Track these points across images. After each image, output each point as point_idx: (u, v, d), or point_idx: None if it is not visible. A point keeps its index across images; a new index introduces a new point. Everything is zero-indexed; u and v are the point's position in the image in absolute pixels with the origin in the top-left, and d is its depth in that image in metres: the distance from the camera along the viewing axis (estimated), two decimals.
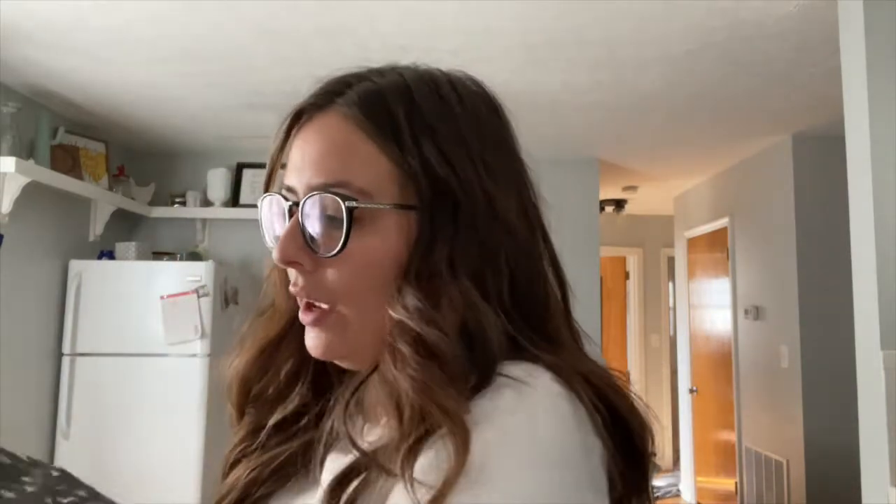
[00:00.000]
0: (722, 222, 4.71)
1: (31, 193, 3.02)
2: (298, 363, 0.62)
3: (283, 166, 0.59)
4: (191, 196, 4.03)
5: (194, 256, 3.80)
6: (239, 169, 4.16)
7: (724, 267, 4.69)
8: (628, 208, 5.81)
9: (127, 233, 4.03)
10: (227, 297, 3.53)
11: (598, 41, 2.52)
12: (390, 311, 0.52)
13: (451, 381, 0.48)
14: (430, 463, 0.45)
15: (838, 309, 3.04)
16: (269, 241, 0.59)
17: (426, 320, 0.50)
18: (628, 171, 4.73)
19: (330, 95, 0.57)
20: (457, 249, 0.53)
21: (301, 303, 0.56)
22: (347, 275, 0.54)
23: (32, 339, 3.21)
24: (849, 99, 1.96)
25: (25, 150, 3.05)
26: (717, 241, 4.85)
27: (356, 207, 0.52)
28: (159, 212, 3.99)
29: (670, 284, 6.62)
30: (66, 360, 3.30)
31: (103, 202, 3.60)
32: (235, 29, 2.46)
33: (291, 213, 0.55)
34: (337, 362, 0.58)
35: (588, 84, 2.97)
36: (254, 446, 0.61)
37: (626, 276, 6.86)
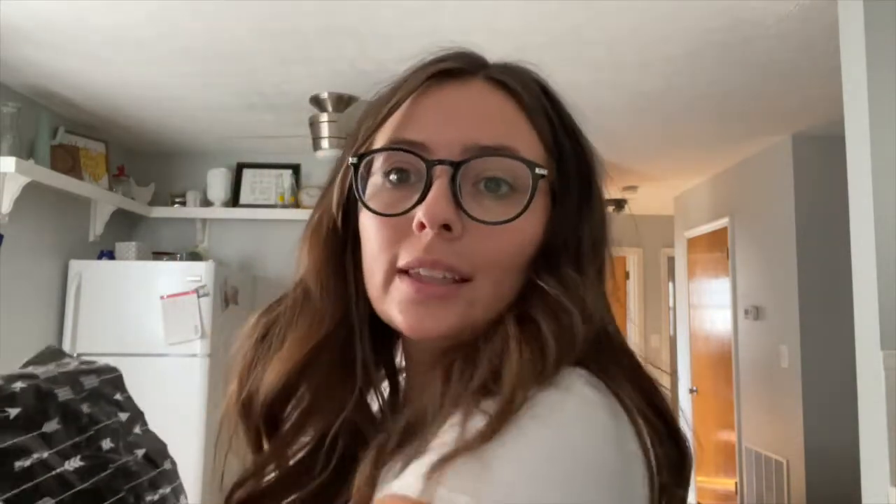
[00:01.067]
0: (722, 222, 4.71)
1: (31, 193, 3.02)
2: (346, 367, 0.55)
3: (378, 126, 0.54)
4: (191, 196, 4.03)
5: (194, 256, 3.80)
6: (239, 169, 4.16)
7: (724, 267, 4.69)
8: (628, 208, 5.80)
9: (127, 233, 4.03)
10: (227, 297, 3.53)
11: (598, 41, 2.52)
12: (544, 285, 0.49)
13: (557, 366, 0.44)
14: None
15: (838, 309, 3.04)
16: (377, 202, 0.51)
17: (583, 302, 0.49)
18: (628, 171, 4.72)
19: (475, 64, 0.54)
20: (587, 240, 0.53)
21: (409, 275, 0.49)
22: (503, 246, 0.49)
23: (32, 339, 3.21)
24: (849, 99, 1.96)
25: (25, 150, 3.05)
26: (717, 241, 4.84)
27: (543, 177, 0.50)
28: (159, 212, 3.99)
29: (670, 284, 6.62)
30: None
31: (103, 202, 3.60)
32: (235, 29, 2.46)
33: (432, 173, 0.49)
34: (433, 342, 0.50)
35: (588, 84, 2.97)
36: (277, 482, 0.54)
37: (626, 276, 6.86)
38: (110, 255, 3.65)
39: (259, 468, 0.54)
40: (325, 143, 3.17)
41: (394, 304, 0.50)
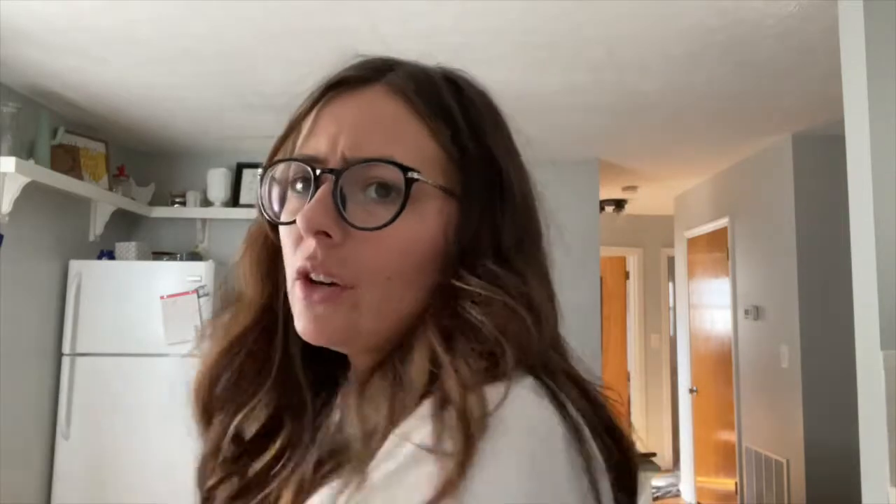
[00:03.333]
0: (722, 222, 4.71)
1: (31, 193, 3.02)
2: (263, 361, 0.57)
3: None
4: (191, 196, 4.03)
5: (194, 256, 3.80)
6: (239, 169, 4.16)
7: (724, 267, 4.69)
8: (628, 208, 5.81)
9: (127, 233, 4.03)
10: None
11: (597, 41, 2.52)
12: (460, 284, 0.49)
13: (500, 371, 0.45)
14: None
15: (838, 309, 3.04)
16: (272, 211, 0.54)
17: (512, 294, 0.49)
18: (628, 171, 4.72)
19: (375, 71, 0.55)
20: (503, 241, 0.52)
21: (301, 279, 0.51)
22: (382, 253, 0.50)
23: (32, 339, 3.21)
24: (849, 99, 1.96)
25: (25, 150, 3.05)
26: (717, 241, 4.85)
27: (417, 181, 0.50)
28: (159, 212, 3.99)
29: (670, 284, 6.62)
30: (66, 360, 3.30)
31: (103, 202, 3.60)
32: (235, 29, 2.46)
33: (319, 181, 0.50)
34: (334, 348, 0.53)
35: (588, 84, 2.97)
36: (232, 462, 0.57)
37: (626, 276, 6.86)
38: (110, 255, 3.65)
39: (215, 445, 0.58)
40: None
41: (293, 308, 0.53)
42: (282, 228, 0.54)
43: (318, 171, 0.50)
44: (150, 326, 3.29)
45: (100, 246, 3.69)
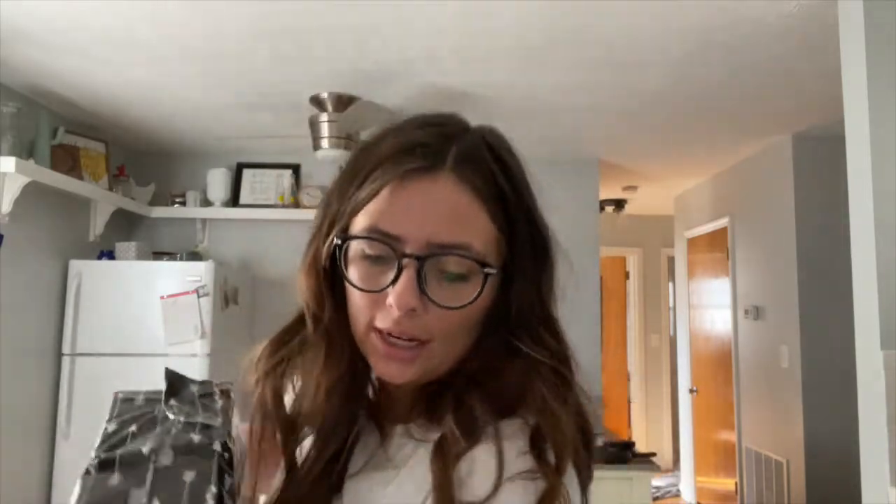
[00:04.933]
0: (722, 222, 4.71)
1: (31, 193, 3.02)
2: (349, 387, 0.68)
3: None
4: (191, 196, 4.03)
5: (194, 256, 3.80)
6: (239, 169, 4.16)
7: (724, 267, 4.69)
8: (628, 208, 5.81)
9: (127, 233, 4.03)
10: (227, 297, 3.53)
11: (598, 41, 2.52)
12: (525, 348, 0.64)
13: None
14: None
15: (838, 309, 3.04)
16: (363, 280, 0.63)
17: (553, 351, 0.64)
18: (628, 171, 4.73)
19: (435, 156, 0.62)
20: (546, 301, 0.66)
21: (383, 339, 0.62)
22: (455, 320, 0.62)
23: (32, 338, 3.21)
24: (849, 99, 1.96)
25: (25, 150, 3.05)
26: (717, 241, 4.85)
27: (491, 274, 0.62)
28: (159, 212, 3.99)
29: (670, 284, 6.62)
30: (66, 360, 3.30)
31: (103, 202, 3.60)
32: (235, 29, 2.46)
33: (402, 263, 0.60)
34: (406, 383, 0.65)
35: (588, 84, 2.97)
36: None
37: (626, 276, 6.86)
38: (110, 255, 3.65)
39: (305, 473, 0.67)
40: (325, 143, 3.17)
41: (370, 352, 0.64)
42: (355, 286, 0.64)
43: (404, 255, 0.60)
44: (150, 326, 3.29)
45: (100, 246, 3.69)
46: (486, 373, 0.63)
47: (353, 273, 0.63)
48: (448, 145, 0.62)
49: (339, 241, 0.63)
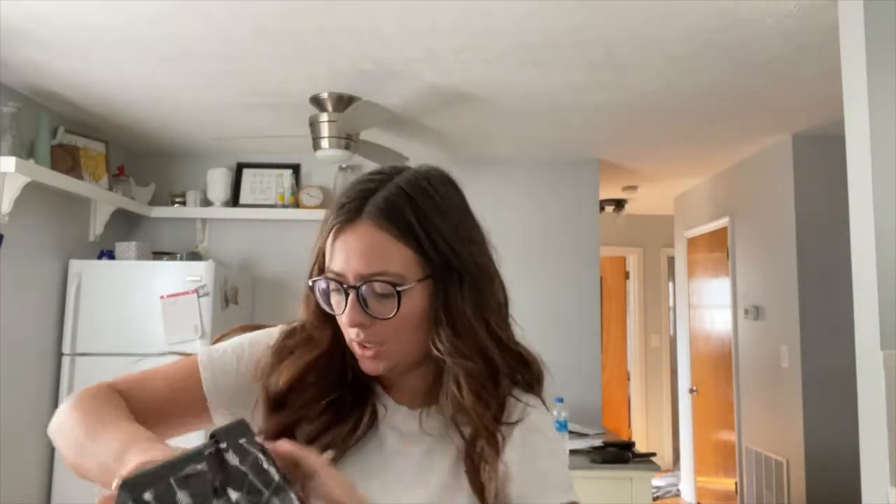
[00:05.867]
0: (722, 222, 4.71)
1: (31, 193, 3.02)
2: (328, 373, 0.88)
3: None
4: (191, 196, 4.03)
5: (194, 256, 3.80)
6: (239, 169, 4.16)
7: (724, 267, 4.69)
8: (628, 208, 5.81)
9: (127, 233, 4.03)
10: (227, 297, 3.54)
11: (597, 41, 2.52)
12: (437, 344, 0.83)
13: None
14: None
15: (838, 309, 3.05)
16: (328, 306, 0.85)
17: (460, 353, 0.83)
18: (628, 171, 4.73)
19: (356, 211, 0.81)
20: (467, 302, 0.83)
21: (357, 344, 0.83)
22: (395, 327, 0.81)
23: (32, 338, 3.21)
24: (849, 99, 1.96)
25: (25, 150, 3.06)
26: (717, 241, 4.85)
27: (403, 290, 0.80)
28: (159, 212, 3.99)
29: (670, 284, 6.62)
30: (66, 360, 3.30)
31: (103, 202, 3.60)
32: (235, 29, 2.46)
33: (347, 292, 0.81)
34: (384, 374, 0.87)
35: (588, 84, 2.97)
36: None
37: (626, 276, 6.86)
38: (110, 255, 3.65)
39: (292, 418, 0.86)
40: (325, 143, 3.17)
41: (355, 354, 0.86)
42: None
43: (346, 287, 0.81)
44: (150, 326, 3.30)
45: (100, 246, 3.70)
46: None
47: (327, 303, 0.85)
48: (366, 199, 0.81)
49: (311, 283, 0.85)
